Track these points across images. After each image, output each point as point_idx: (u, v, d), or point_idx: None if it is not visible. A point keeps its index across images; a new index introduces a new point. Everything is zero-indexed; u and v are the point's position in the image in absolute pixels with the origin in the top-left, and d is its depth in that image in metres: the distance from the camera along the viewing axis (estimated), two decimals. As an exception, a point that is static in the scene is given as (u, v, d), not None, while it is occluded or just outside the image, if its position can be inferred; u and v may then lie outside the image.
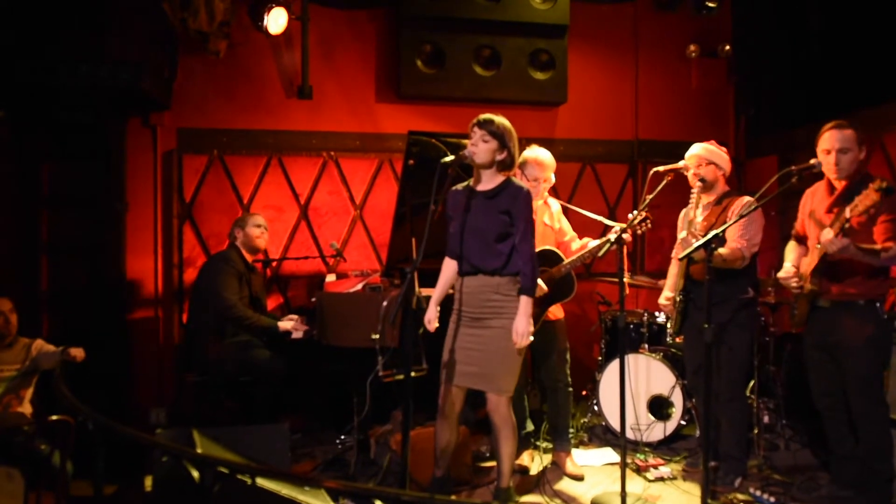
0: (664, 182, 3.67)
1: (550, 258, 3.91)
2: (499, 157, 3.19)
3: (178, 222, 5.12)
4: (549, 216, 4.05)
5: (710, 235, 3.10)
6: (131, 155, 5.00)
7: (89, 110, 4.82)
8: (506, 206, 3.18)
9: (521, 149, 3.61)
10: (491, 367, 3.19)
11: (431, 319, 3.26)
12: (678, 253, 3.85)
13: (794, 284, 3.39)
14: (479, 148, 3.17)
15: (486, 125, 3.16)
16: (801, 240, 3.55)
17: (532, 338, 3.17)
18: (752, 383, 4.22)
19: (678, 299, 3.78)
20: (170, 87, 4.99)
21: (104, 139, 4.90)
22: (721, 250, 3.27)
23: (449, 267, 3.36)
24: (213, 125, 5.14)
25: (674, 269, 4.01)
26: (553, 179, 3.97)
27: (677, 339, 4.54)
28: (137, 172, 5.03)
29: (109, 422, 2.54)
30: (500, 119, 3.20)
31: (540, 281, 3.77)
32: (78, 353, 3.65)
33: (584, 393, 4.94)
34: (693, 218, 3.58)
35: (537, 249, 3.87)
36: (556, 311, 4.01)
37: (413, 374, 3.08)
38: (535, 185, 3.89)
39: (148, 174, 5.06)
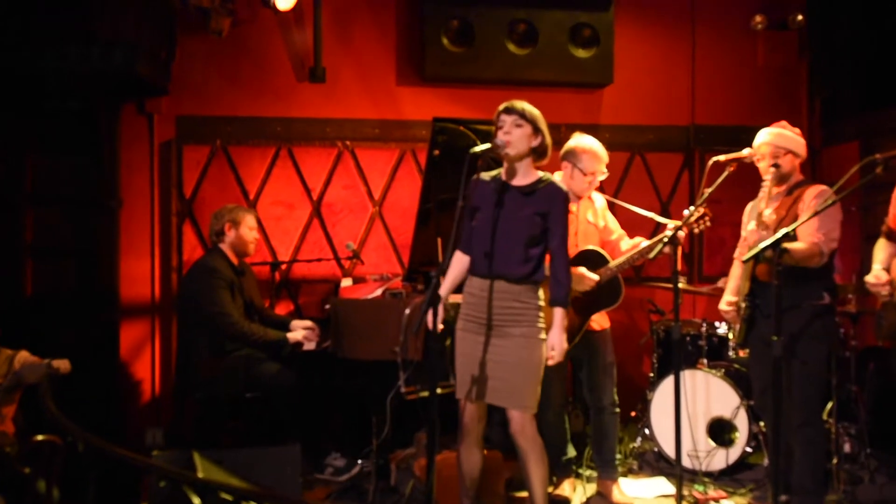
0: (725, 173, 3.62)
1: (593, 260, 3.88)
2: (534, 144, 3.23)
3: (177, 220, 5.19)
4: (593, 213, 4.03)
5: (779, 234, 3.05)
6: (125, 146, 5.08)
7: (78, 97, 4.89)
8: (543, 207, 3.21)
9: (561, 138, 3.60)
10: (514, 379, 3.20)
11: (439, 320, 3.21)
12: (742, 253, 3.80)
13: (885, 292, 3.32)
14: (514, 135, 3.19)
15: (516, 110, 3.21)
16: (894, 237, 3.47)
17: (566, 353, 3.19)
18: (829, 405, 4.15)
19: (742, 305, 3.72)
20: (167, 70, 5.05)
21: (95, 129, 4.98)
22: (793, 245, 3.21)
23: (461, 262, 3.34)
24: (216, 112, 5.19)
25: (737, 271, 3.95)
26: (606, 172, 3.95)
27: (741, 353, 4.48)
28: (132, 165, 5.10)
29: (101, 442, 2.57)
30: (528, 104, 3.25)
31: (586, 271, 3.76)
32: (63, 364, 3.71)
33: (633, 414, 4.91)
34: (761, 211, 3.52)
35: (580, 249, 3.87)
36: (600, 321, 3.98)
37: (439, 390, 3.07)
38: (591, 178, 3.87)
39: (144, 167, 5.14)
